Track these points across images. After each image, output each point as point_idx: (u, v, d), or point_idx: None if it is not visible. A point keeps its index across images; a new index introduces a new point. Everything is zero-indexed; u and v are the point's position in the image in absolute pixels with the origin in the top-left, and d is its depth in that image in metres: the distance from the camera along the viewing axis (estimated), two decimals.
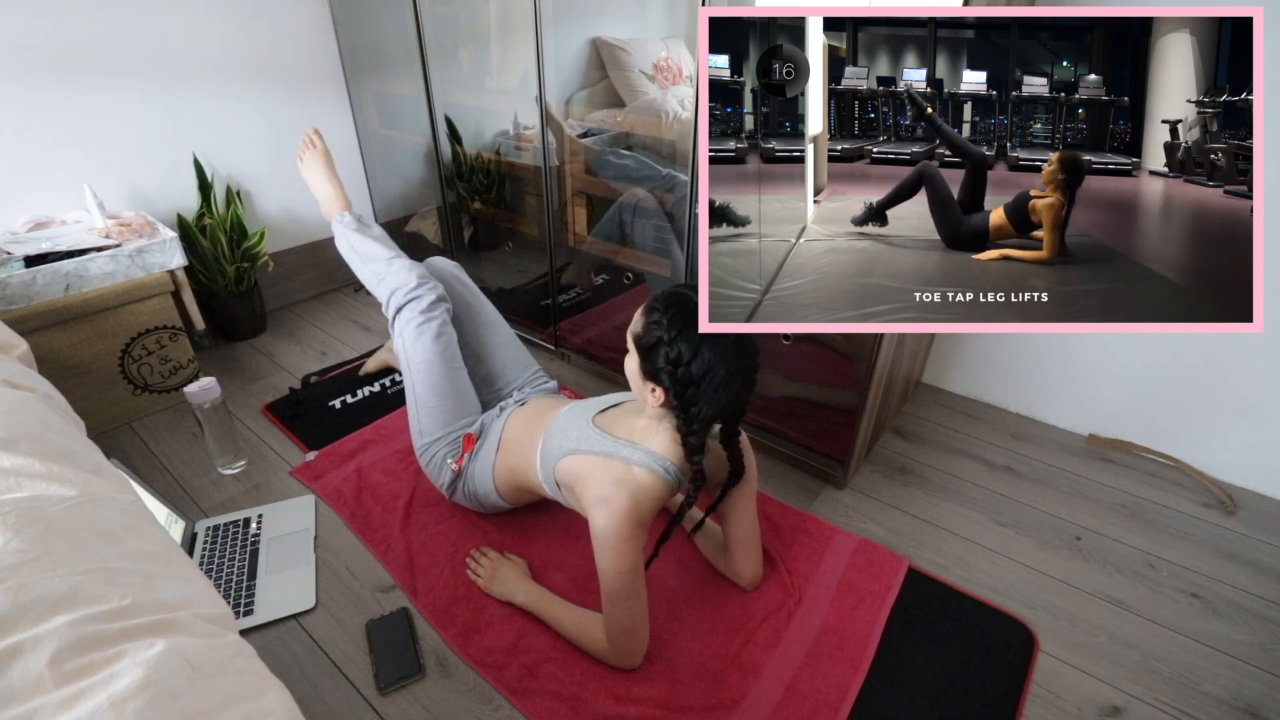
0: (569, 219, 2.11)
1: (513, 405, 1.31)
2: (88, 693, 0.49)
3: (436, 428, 1.29)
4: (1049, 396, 1.70)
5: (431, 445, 1.29)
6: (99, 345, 1.54)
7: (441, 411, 1.28)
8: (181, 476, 1.47)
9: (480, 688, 1.05)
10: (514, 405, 1.31)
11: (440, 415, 1.28)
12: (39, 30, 1.55)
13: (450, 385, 1.29)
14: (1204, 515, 1.44)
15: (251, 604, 1.16)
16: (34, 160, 1.63)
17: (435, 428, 1.29)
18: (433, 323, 1.32)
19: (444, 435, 1.29)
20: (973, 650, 1.11)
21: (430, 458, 1.30)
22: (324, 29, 2.06)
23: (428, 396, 1.28)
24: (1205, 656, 1.13)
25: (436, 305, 1.34)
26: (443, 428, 1.29)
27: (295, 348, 1.99)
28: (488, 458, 1.25)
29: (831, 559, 1.27)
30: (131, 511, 0.73)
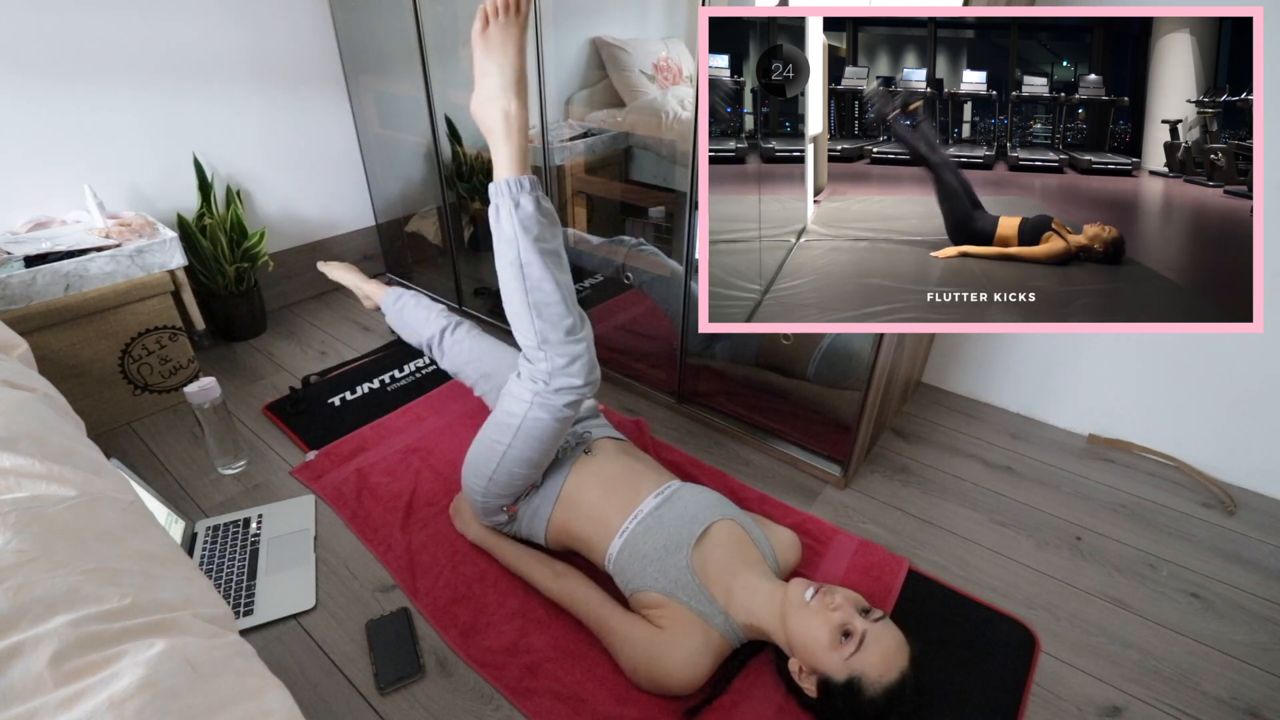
0: (569, 219, 2.11)
1: (577, 451, 1.23)
2: (88, 693, 0.49)
3: (513, 488, 1.17)
4: (1049, 396, 1.70)
5: (496, 497, 1.18)
6: (99, 345, 1.54)
7: (524, 479, 1.16)
8: (181, 476, 1.47)
9: (480, 688, 1.05)
10: (578, 451, 1.23)
11: (521, 481, 1.16)
12: (39, 30, 1.55)
13: (544, 459, 1.15)
14: (1204, 515, 1.43)
15: (251, 604, 1.16)
16: (34, 160, 1.62)
17: (511, 489, 1.17)
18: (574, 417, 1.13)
19: (515, 492, 1.18)
20: (973, 651, 1.11)
21: (487, 503, 1.20)
22: (324, 29, 2.06)
23: (519, 467, 1.13)
24: (1205, 656, 1.13)
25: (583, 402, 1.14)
26: (518, 487, 1.17)
27: (295, 348, 1.99)
28: (543, 508, 1.18)
29: (832, 560, 1.27)
30: (131, 511, 0.73)
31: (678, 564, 1.04)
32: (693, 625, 1.00)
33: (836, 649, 0.91)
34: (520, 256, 1.03)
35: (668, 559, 1.05)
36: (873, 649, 0.90)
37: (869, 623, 0.93)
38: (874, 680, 0.88)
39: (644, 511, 1.12)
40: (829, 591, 0.97)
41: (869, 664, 0.89)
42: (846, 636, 0.91)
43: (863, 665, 0.90)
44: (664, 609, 1.03)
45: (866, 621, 0.93)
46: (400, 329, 1.62)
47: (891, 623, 0.95)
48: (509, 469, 1.13)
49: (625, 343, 1.95)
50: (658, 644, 1.00)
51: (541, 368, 1.07)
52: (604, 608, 1.08)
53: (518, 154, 1.04)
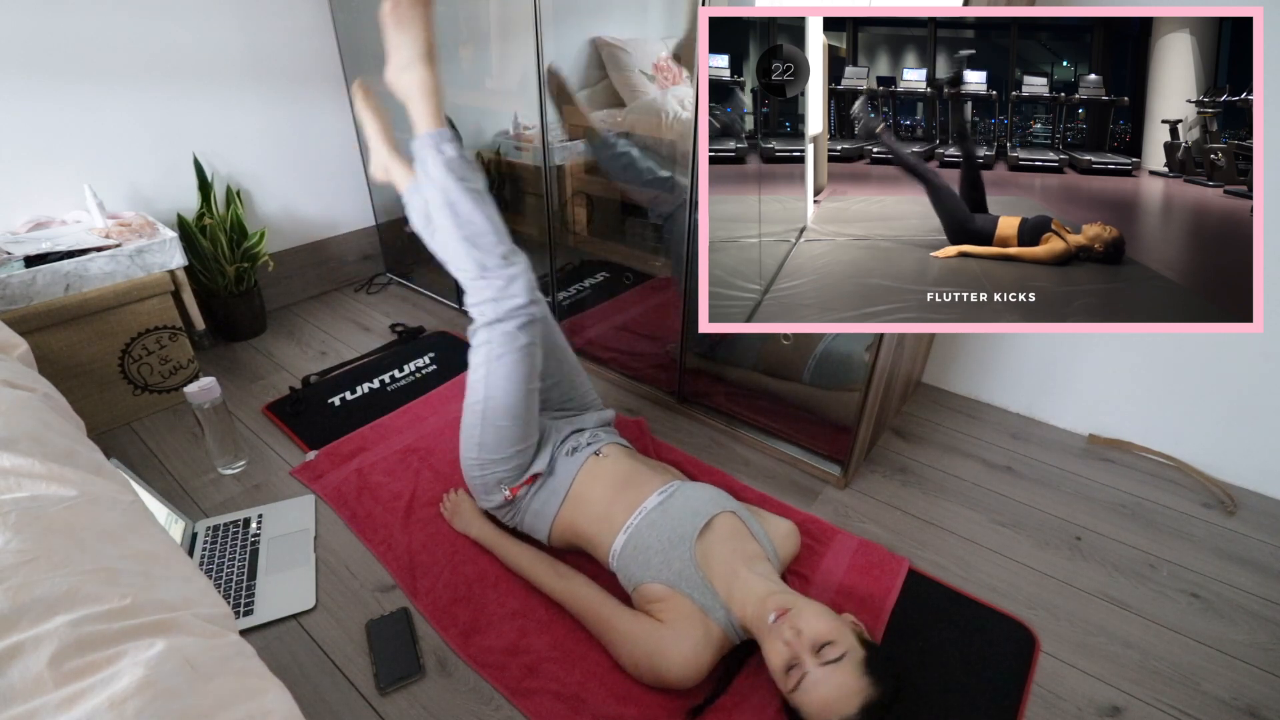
0: (569, 219, 2.11)
1: (587, 452, 1.24)
2: (88, 693, 0.49)
3: (502, 448, 1.19)
4: (1049, 396, 1.70)
5: (490, 463, 1.20)
6: (99, 345, 1.54)
7: (511, 433, 1.18)
8: (181, 476, 1.47)
9: (480, 688, 1.05)
10: (588, 452, 1.24)
11: (509, 436, 1.18)
12: (40, 30, 1.55)
13: (526, 410, 1.19)
14: (1204, 515, 1.43)
15: (251, 604, 1.16)
16: (34, 160, 1.62)
17: (501, 447, 1.19)
18: (534, 346, 1.19)
19: (507, 456, 1.20)
20: (973, 651, 1.11)
21: (484, 476, 1.22)
22: (324, 29, 2.06)
23: (500, 417, 1.17)
24: (1205, 656, 1.13)
25: (537, 325, 1.19)
26: (508, 448, 1.19)
27: (295, 348, 1.99)
28: (550, 504, 1.20)
29: (832, 560, 1.27)
30: (131, 511, 0.73)
31: (681, 556, 1.05)
32: (694, 618, 1.00)
33: (783, 678, 0.91)
34: (449, 197, 1.15)
35: (671, 551, 1.06)
36: (811, 692, 0.87)
37: (817, 664, 0.88)
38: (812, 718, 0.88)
39: (648, 508, 1.13)
40: (795, 616, 0.93)
41: (807, 704, 0.88)
42: (791, 670, 0.90)
43: (800, 702, 0.89)
44: (667, 602, 1.03)
45: (815, 662, 0.88)
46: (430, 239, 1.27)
47: (849, 666, 0.88)
48: (494, 424, 1.18)
49: (625, 343, 1.95)
50: (659, 638, 1.00)
51: (486, 295, 1.16)
52: (605, 606, 1.09)
53: (435, 110, 1.18)
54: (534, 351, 1.19)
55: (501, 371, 1.16)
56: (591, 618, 1.09)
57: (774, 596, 0.98)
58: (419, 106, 1.18)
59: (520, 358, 1.16)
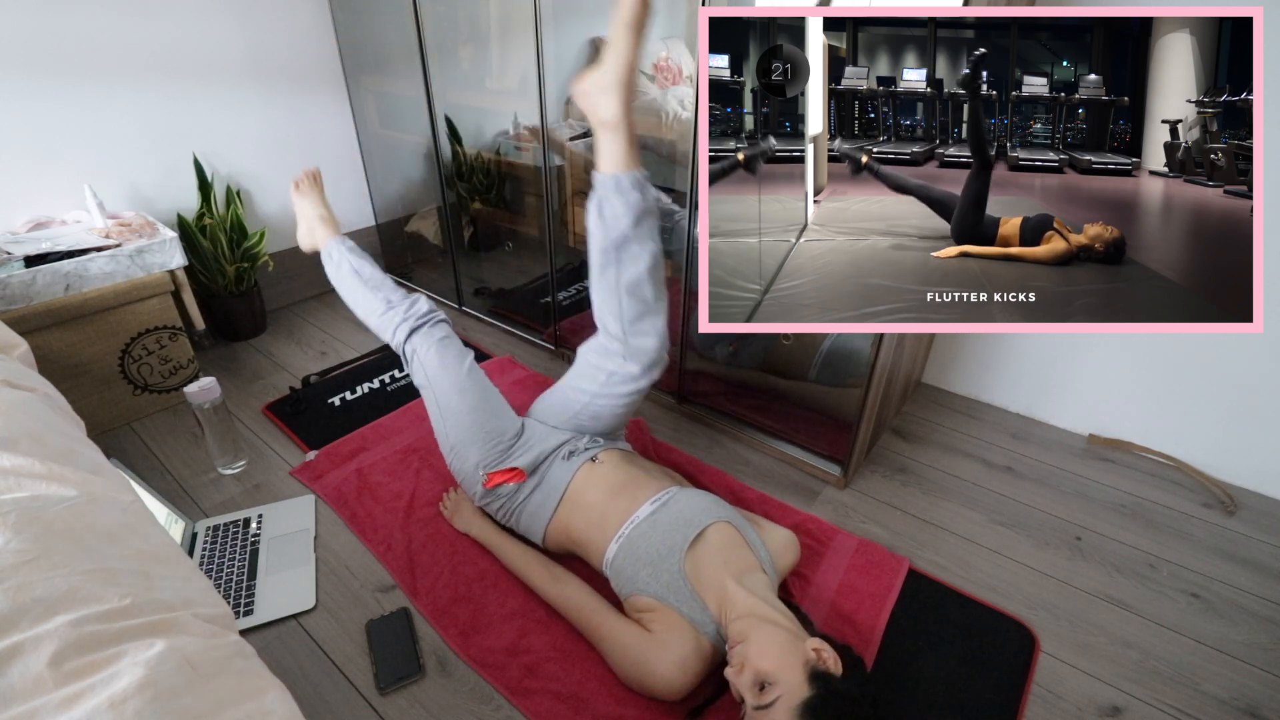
0: (569, 219, 2.11)
1: (584, 456, 1.23)
2: (88, 693, 0.49)
3: (461, 429, 1.24)
4: (1049, 396, 1.70)
5: (459, 448, 1.25)
6: (99, 345, 1.54)
7: (481, 431, 1.23)
8: (181, 476, 1.47)
9: (480, 688, 1.05)
10: (585, 457, 1.23)
11: (480, 436, 1.23)
12: (40, 30, 1.55)
13: (484, 403, 1.26)
14: (1204, 515, 1.44)
15: (251, 604, 1.16)
16: (34, 160, 1.62)
17: (460, 429, 1.24)
18: (453, 340, 1.34)
19: (471, 438, 1.23)
20: (973, 651, 1.11)
21: (462, 467, 1.26)
22: (324, 29, 2.06)
23: (465, 418, 1.24)
24: (1205, 656, 1.13)
25: (446, 324, 1.37)
26: (466, 429, 1.24)
27: (295, 348, 1.99)
28: (545, 507, 1.20)
29: (832, 560, 1.27)
30: (131, 511, 0.73)
31: (670, 569, 1.03)
32: (683, 631, 0.99)
33: (741, 703, 0.91)
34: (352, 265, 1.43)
35: (660, 564, 1.04)
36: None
37: (752, 705, 0.86)
38: None
39: (640, 517, 1.11)
40: (743, 650, 0.91)
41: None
42: (741, 703, 0.90)
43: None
44: (656, 613, 1.02)
45: (753, 701, 0.86)
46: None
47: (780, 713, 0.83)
48: (447, 407, 1.27)
49: None
50: (647, 648, 0.99)
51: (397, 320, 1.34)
52: (597, 613, 1.08)
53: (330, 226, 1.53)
54: (453, 341, 1.34)
55: (432, 363, 1.29)
56: (584, 623, 1.09)
57: (738, 621, 0.96)
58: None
59: (442, 346, 1.31)
